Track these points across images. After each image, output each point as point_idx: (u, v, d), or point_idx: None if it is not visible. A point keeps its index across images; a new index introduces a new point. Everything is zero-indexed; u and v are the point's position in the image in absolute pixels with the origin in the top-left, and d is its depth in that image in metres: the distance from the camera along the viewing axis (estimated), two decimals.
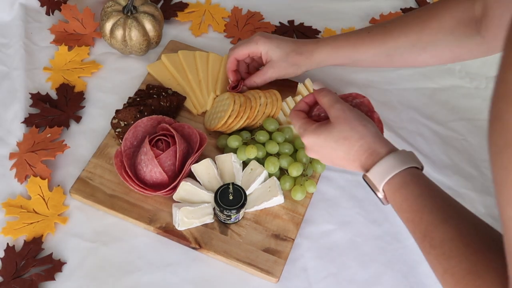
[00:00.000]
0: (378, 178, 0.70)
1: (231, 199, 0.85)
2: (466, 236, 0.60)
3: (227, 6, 1.17)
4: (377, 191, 0.71)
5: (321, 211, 0.91)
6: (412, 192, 0.67)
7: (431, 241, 0.62)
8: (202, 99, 1.01)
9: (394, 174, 0.69)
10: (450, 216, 0.63)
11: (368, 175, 0.71)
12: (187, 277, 0.84)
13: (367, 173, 0.71)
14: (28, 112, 0.99)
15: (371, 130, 0.74)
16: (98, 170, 0.91)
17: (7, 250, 0.84)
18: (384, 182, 0.69)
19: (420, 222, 0.64)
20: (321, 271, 0.86)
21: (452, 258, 0.59)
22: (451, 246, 0.60)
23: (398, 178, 0.69)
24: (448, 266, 0.60)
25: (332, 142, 0.74)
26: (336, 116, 0.75)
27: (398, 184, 0.68)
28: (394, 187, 0.69)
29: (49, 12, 1.13)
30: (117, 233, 0.87)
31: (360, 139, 0.73)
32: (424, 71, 1.10)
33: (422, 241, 0.64)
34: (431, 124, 1.03)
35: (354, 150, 0.73)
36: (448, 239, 0.61)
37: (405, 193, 0.67)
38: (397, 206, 0.69)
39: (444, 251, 0.61)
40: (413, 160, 0.70)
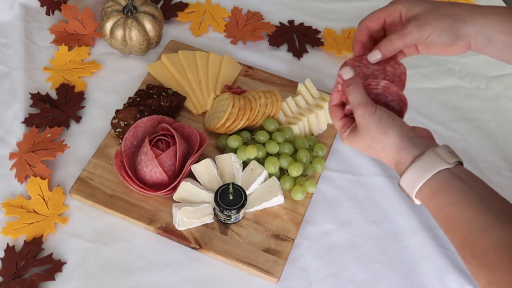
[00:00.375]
0: (408, 189, 0.67)
1: (231, 199, 0.85)
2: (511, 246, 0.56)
3: (227, 6, 1.17)
4: (413, 200, 0.68)
5: (321, 211, 0.91)
6: (444, 202, 0.63)
7: (471, 251, 0.59)
8: (202, 99, 1.01)
9: (421, 185, 0.65)
10: (490, 224, 0.59)
11: (401, 184, 0.68)
12: (187, 277, 0.84)
13: (399, 182, 0.68)
14: (28, 112, 0.99)
15: (392, 138, 0.68)
16: (98, 170, 0.91)
17: (7, 250, 0.84)
18: (414, 194, 0.66)
19: (457, 231, 0.61)
20: (321, 271, 0.86)
21: (497, 270, 0.56)
22: (495, 257, 0.56)
23: (425, 189, 0.65)
24: (492, 278, 0.56)
25: (364, 149, 0.72)
26: (359, 122, 0.71)
27: (427, 195, 0.65)
28: (424, 198, 0.65)
29: (49, 12, 1.13)
30: (117, 233, 0.87)
31: (383, 149, 0.69)
32: (424, 71, 1.10)
33: (462, 250, 0.61)
34: (431, 124, 1.03)
35: (381, 159, 0.71)
36: (491, 250, 0.57)
37: (436, 203, 0.64)
38: (433, 213, 0.66)
39: (487, 262, 0.57)
40: (440, 161, 0.65)
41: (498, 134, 1.03)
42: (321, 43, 1.12)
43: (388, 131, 0.68)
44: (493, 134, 1.03)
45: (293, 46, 1.12)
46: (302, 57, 1.11)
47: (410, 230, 0.90)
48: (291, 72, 1.08)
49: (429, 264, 0.87)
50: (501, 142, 1.02)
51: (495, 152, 1.00)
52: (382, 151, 0.69)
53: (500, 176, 0.97)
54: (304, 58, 1.10)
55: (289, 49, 1.12)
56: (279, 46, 1.12)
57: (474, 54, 1.10)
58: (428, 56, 1.11)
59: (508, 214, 0.60)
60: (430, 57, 1.12)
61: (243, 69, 1.06)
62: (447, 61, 1.12)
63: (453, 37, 0.73)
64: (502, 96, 1.08)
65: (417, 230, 0.90)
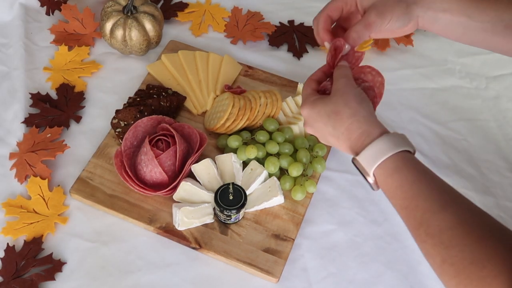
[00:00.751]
0: (369, 162, 0.66)
1: (231, 199, 0.85)
2: (466, 224, 0.57)
3: (227, 6, 1.17)
4: (367, 176, 0.67)
5: (321, 211, 0.91)
6: (407, 178, 0.63)
7: (427, 229, 0.59)
8: (202, 99, 1.01)
9: (387, 158, 0.65)
10: (448, 203, 0.60)
11: (358, 158, 0.67)
12: (187, 277, 0.84)
13: (357, 156, 0.67)
14: (28, 112, 0.99)
15: (366, 109, 0.70)
16: (98, 170, 0.91)
17: (7, 250, 0.84)
18: (376, 166, 0.65)
19: (415, 209, 0.61)
20: (321, 271, 0.86)
21: (452, 247, 0.57)
22: (451, 235, 0.57)
23: (390, 163, 0.65)
24: (447, 255, 0.57)
25: (325, 116, 0.71)
26: (336, 88, 0.71)
27: (391, 169, 0.64)
28: (386, 172, 0.65)
29: (49, 12, 1.13)
30: (117, 233, 0.87)
31: (352, 116, 0.69)
32: (424, 71, 1.10)
33: (417, 229, 0.61)
34: (431, 124, 1.03)
35: (343, 127, 0.69)
36: (447, 228, 0.58)
37: (399, 178, 0.64)
38: (389, 192, 0.65)
39: (442, 240, 0.58)
40: (406, 143, 0.66)
41: (498, 134, 1.03)
42: None
43: (363, 103, 0.70)
44: (493, 134, 1.03)
45: (293, 46, 1.12)
46: (302, 57, 1.11)
47: None
48: (291, 72, 1.08)
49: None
50: (501, 142, 1.02)
51: (495, 152, 1.00)
52: (351, 117, 0.69)
53: (500, 176, 0.97)
54: (304, 58, 1.10)
55: (289, 49, 1.12)
56: (279, 46, 1.12)
57: (474, 54, 1.11)
58: (428, 56, 1.12)
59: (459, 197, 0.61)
60: (430, 57, 1.12)
61: (243, 69, 1.06)
62: (447, 61, 1.12)
63: (407, 20, 0.77)
64: (502, 96, 1.08)
65: None
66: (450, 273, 0.57)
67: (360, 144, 0.68)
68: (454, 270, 0.56)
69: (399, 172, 0.64)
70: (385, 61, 1.10)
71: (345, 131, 0.69)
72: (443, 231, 0.58)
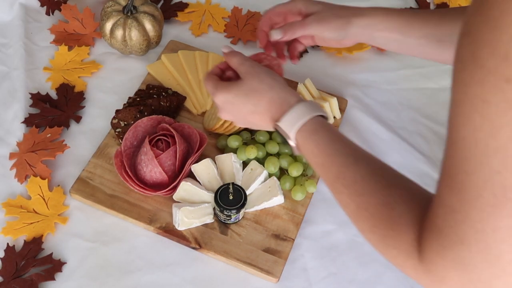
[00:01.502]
0: (290, 126, 0.72)
1: (231, 199, 0.85)
2: (376, 174, 0.63)
3: (227, 6, 1.17)
4: (289, 139, 0.72)
5: (321, 211, 0.91)
6: (324, 138, 0.69)
7: (343, 181, 0.64)
8: (202, 99, 1.01)
9: (306, 121, 0.71)
10: (360, 157, 0.66)
11: (279, 124, 0.73)
12: (187, 277, 0.84)
13: (278, 122, 0.73)
14: (28, 112, 0.99)
15: (281, 82, 0.76)
16: (98, 170, 0.91)
17: (7, 250, 0.84)
18: (296, 129, 0.71)
19: (332, 164, 0.67)
20: (321, 271, 0.86)
21: (365, 194, 0.62)
22: (363, 183, 0.62)
23: (309, 125, 0.71)
24: (361, 202, 0.62)
25: (242, 97, 0.76)
26: (245, 71, 0.77)
27: (310, 130, 0.71)
28: (306, 134, 0.71)
29: (49, 12, 1.13)
30: (117, 233, 0.87)
31: (270, 90, 0.75)
32: (424, 71, 1.10)
33: (334, 182, 0.66)
34: (431, 124, 1.03)
35: (264, 101, 0.75)
36: (359, 177, 0.63)
37: (317, 138, 0.70)
38: (308, 153, 0.71)
39: (356, 188, 0.63)
40: (320, 109, 0.73)
41: None
42: None
43: (276, 77, 0.77)
44: None
45: None
46: (302, 57, 1.10)
47: None
48: (291, 72, 1.08)
49: None
50: None
51: None
52: (269, 91, 0.75)
53: None
54: (304, 58, 1.10)
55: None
56: None
57: None
58: None
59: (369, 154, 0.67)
60: None
61: None
62: None
63: (343, 35, 0.86)
64: None
65: None
66: (364, 217, 0.62)
67: (280, 111, 0.73)
68: (368, 214, 0.61)
69: (317, 133, 0.70)
70: (385, 61, 1.10)
71: (265, 104, 0.75)
72: (356, 181, 0.63)
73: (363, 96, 1.05)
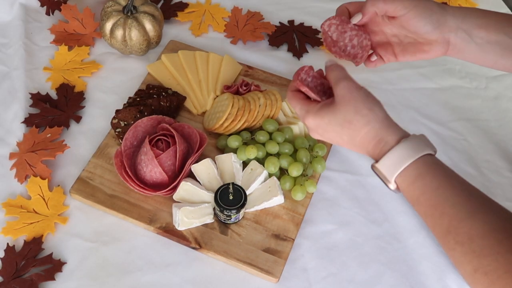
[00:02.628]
0: (389, 170, 0.64)
1: (231, 199, 0.85)
2: (498, 232, 0.55)
3: (227, 6, 1.17)
4: (388, 183, 0.65)
5: (321, 211, 0.91)
6: (430, 184, 0.61)
7: (456, 237, 0.57)
8: (202, 99, 1.01)
9: (407, 165, 0.63)
10: (477, 209, 0.57)
11: (377, 166, 0.65)
12: (187, 277, 0.84)
13: (376, 164, 0.66)
14: (28, 112, 0.99)
15: (378, 114, 0.67)
16: (98, 170, 0.91)
17: (7, 250, 0.84)
18: (396, 175, 0.63)
19: (442, 216, 0.59)
20: (321, 271, 0.86)
21: (485, 256, 0.54)
22: (482, 243, 0.55)
23: (412, 170, 0.63)
24: (479, 265, 0.54)
25: (337, 126, 0.68)
26: (341, 95, 0.68)
27: (413, 176, 0.62)
28: (408, 179, 0.63)
29: (49, 12, 1.13)
30: (117, 233, 0.87)
31: (366, 125, 0.66)
32: (424, 71, 1.10)
33: (445, 237, 0.58)
34: (431, 124, 1.03)
35: (359, 136, 0.67)
36: (477, 235, 0.55)
37: (422, 185, 0.61)
38: (412, 200, 0.63)
39: (474, 248, 0.55)
40: (426, 145, 0.64)
41: (498, 134, 1.03)
42: (321, 43, 1.12)
43: (374, 108, 0.67)
44: (493, 134, 1.03)
45: (293, 46, 1.12)
46: (302, 57, 1.11)
47: (410, 230, 0.90)
48: (291, 72, 1.07)
49: (429, 264, 0.87)
50: (501, 142, 1.02)
51: (495, 152, 1.00)
52: (365, 126, 0.66)
53: (500, 176, 0.97)
54: (304, 58, 1.10)
55: (289, 49, 1.12)
56: (279, 46, 1.12)
57: None
58: None
59: (488, 202, 0.59)
60: None
61: (243, 69, 1.06)
62: (447, 61, 1.12)
63: (435, 22, 0.73)
64: (502, 96, 1.08)
65: (417, 230, 0.90)
66: (483, 283, 0.55)
67: (378, 152, 0.66)
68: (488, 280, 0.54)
69: (421, 179, 0.62)
70: None
71: (361, 140, 0.67)
72: (473, 239, 0.56)
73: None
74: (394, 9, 0.73)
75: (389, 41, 0.79)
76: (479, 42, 0.74)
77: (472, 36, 0.73)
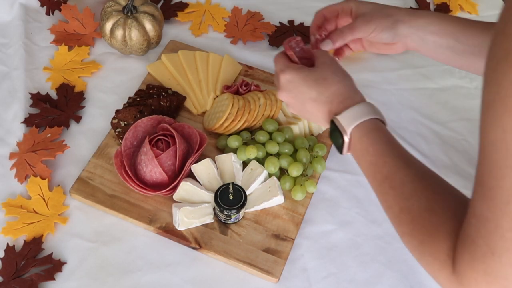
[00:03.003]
0: (349, 121, 0.72)
1: (231, 199, 0.85)
2: (425, 179, 0.63)
3: (227, 6, 1.17)
4: (344, 134, 0.72)
5: (321, 211, 0.91)
6: (380, 138, 0.70)
7: (391, 183, 0.65)
8: (202, 99, 1.01)
9: (365, 120, 0.71)
10: (412, 162, 0.67)
11: (338, 117, 0.73)
12: (187, 277, 0.84)
13: (338, 115, 0.73)
14: (28, 112, 0.99)
15: (350, 80, 0.77)
16: (98, 170, 0.91)
17: (7, 250, 0.84)
18: (354, 125, 0.71)
19: (383, 165, 0.67)
20: (321, 271, 0.86)
21: (411, 197, 0.62)
22: (411, 187, 0.63)
23: (367, 124, 0.71)
24: (404, 205, 0.62)
25: (311, 81, 0.76)
26: (322, 61, 0.78)
27: (367, 129, 0.71)
28: (362, 131, 0.71)
29: (49, 12, 1.13)
30: (117, 233, 0.87)
31: (339, 82, 0.76)
32: (424, 71, 1.10)
33: (382, 182, 0.67)
34: (431, 124, 1.03)
35: (329, 91, 0.75)
36: (408, 181, 0.63)
37: (373, 137, 0.70)
38: (362, 150, 0.71)
39: (403, 191, 0.63)
40: (380, 114, 0.73)
41: None
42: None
43: (348, 76, 0.78)
44: None
45: None
46: None
47: None
48: None
49: None
50: None
51: None
52: (337, 83, 0.75)
53: None
54: None
55: None
56: (279, 46, 1.12)
57: None
58: None
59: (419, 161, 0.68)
60: None
61: (243, 69, 1.06)
62: None
63: (393, 35, 0.85)
64: None
65: None
66: (406, 220, 0.62)
67: (342, 106, 0.74)
68: (410, 217, 0.61)
69: (374, 132, 0.71)
70: (385, 61, 1.10)
71: (330, 95, 0.75)
72: (405, 183, 0.64)
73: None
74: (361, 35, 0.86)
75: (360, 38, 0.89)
76: (431, 46, 0.85)
77: (426, 41, 0.84)
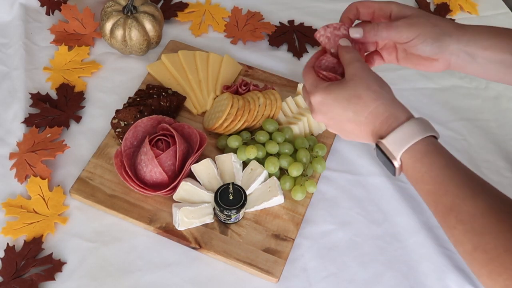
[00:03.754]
0: (397, 145, 0.63)
1: (231, 199, 0.85)
2: (498, 211, 0.56)
3: (227, 6, 1.17)
4: (393, 160, 0.64)
5: (321, 211, 0.91)
6: (436, 163, 0.61)
7: (458, 216, 0.57)
8: (202, 99, 1.01)
9: (416, 142, 0.63)
10: (478, 189, 0.59)
11: (383, 141, 0.64)
12: (187, 277, 0.84)
13: (382, 139, 0.65)
14: (28, 112, 0.99)
15: (389, 93, 0.67)
16: (98, 170, 0.91)
17: (7, 250, 0.84)
18: (404, 150, 0.63)
19: (445, 194, 0.59)
20: (321, 271, 0.86)
21: (485, 234, 0.55)
22: (483, 222, 0.56)
23: (421, 146, 0.63)
24: (479, 243, 0.55)
25: (344, 101, 0.67)
26: (353, 73, 0.68)
27: (420, 153, 0.62)
28: (415, 156, 0.62)
29: (49, 12, 1.13)
30: (117, 233, 0.87)
31: (376, 100, 0.66)
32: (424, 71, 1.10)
33: (447, 215, 0.59)
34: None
35: (367, 111, 0.66)
36: (479, 214, 0.56)
37: (428, 163, 0.61)
38: (416, 177, 0.63)
39: (474, 226, 0.56)
40: (432, 128, 0.65)
41: (498, 134, 1.03)
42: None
43: (385, 87, 0.68)
44: (493, 134, 1.03)
45: (293, 46, 1.12)
46: (302, 57, 1.11)
47: (410, 230, 0.90)
48: (291, 72, 1.08)
49: (429, 264, 0.87)
50: (501, 142, 1.02)
51: (495, 152, 1.00)
52: (375, 101, 0.66)
53: (500, 176, 0.97)
54: (304, 58, 1.10)
55: (289, 49, 1.12)
56: (279, 46, 1.12)
57: None
58: None
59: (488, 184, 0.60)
60: None
61: (243, 69, 1.06)
62: None
63: (436, 48, 0.72)
64: (502, 96, 1.08)
65: (417, 230, 0.90)
66: (482, 261, 0.55)
67: (386, 127, 0.65)
68: (487, 258, 0.55)
69: (428, 156, 0.62)
70: None
71: (369, 115, 0.66)
72: (475, 217, 0.56)
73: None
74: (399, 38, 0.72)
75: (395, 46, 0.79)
76: (481, 62, 0.74)
77: (476, 57, 0.73)
